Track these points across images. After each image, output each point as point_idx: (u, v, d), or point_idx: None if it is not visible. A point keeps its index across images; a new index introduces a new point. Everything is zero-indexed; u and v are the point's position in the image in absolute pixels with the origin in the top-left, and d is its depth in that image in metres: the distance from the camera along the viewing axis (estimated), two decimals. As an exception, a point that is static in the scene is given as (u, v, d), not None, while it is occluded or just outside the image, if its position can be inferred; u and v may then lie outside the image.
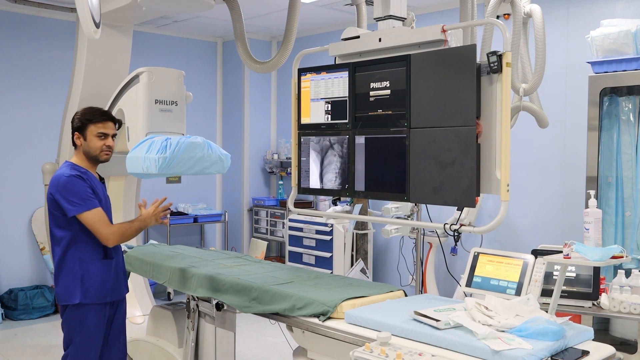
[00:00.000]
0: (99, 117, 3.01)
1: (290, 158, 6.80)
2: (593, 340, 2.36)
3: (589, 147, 4.09)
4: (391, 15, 3.09)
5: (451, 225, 2.79)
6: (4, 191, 6.28)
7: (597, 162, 4.06)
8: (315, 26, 7.08)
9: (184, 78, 4.17)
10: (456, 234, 2.87)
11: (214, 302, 3.38)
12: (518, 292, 2.59)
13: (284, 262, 6.69)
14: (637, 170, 3.96)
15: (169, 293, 6.80)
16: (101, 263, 3.00)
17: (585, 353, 2.20)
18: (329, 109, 3.22)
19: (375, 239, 6.48)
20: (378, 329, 2.45)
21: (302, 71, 3.36)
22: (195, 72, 7.53)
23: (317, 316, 2.71)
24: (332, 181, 3.23)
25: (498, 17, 3.49)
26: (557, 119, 4.86)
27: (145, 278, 4.97)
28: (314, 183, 3.33)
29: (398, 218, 4.99)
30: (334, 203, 6.40)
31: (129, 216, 5.04)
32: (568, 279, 3.35)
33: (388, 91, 2.94)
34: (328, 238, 6.14)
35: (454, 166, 2.67)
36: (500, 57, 2.54)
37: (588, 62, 4.10)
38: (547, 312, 2.47)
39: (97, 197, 2.98)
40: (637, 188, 3.95)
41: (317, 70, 3.29)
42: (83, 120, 3.00)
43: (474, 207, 3.00)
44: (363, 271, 5.76)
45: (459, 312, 2.40)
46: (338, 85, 3.17)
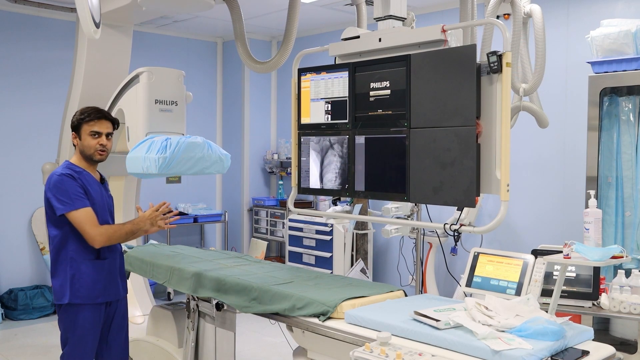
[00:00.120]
0: (92, 116, 2.98)
1: (290, 158, 6.80)
2: (593, 340, 2.36)
3: (589, 147, 4.09)
4: (391, 15, 3.09)
5: (451, 225, 2.79)
6: (4, 191, 6.28)
7: (597, 162, 4.06)
8: (315, 26, 7.08)
9: (184, 78, 4.17)
10: (456, 234, 2.86)
11: (214, 302, 3.38)
12: (518, 292, 2.59)
13: (284, 262, 6.69)
14: (637, 170, 3.96)
15: (169, 293, 6.80)
16: (92, 263, 2.97)
17: (585, 353, 2.20)
18: (329, 109, 3.22)
19: (375, 239, 6.48)
20: (378, 329, 2.45)
21: (302, 71, 3.36)
22: (195, 72, 7.53)
23: (317, 316, 2.71)
24: (332, 181, 3.23)
25: (498, 17, 3.49)
26: (557, 119, 4.86)
27: (145, 278, 4.97)
28: (314, 183, 3.33)
29: (398, 218, 4.99)
30: (334, 203, 6.41)
31: (129, 216, 5.05)
32: (568, 279, 3.35)
33: (388, 91, 2.94)
34: (328, 238, 6.14)
35: (454, 166, 2.67)
36: (500, 57, 2.54)
37: (588, 62, 4.10)
38: (547, 312, 2.47)
39: (90, 197, 2.94)
40: (637, 188, 3.95)
41: (317, 70, 3.29)
42: (78, 119, 3.00)
43: (474, 207, 3.00)
44: (363, 271, 5.76)
45: (459, 312, 2.40)
46: (338, 85, 3.17)
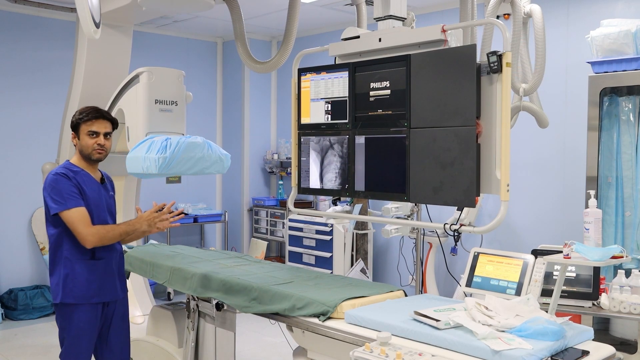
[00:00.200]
0: (90, 116, 2.98)
1: (290, 158, 6.80)
2: (593, 340, 2.36)
3: (589, 147, 4.09)
4: (391, 15, 3.09)
5: (451, 225, 2.79)
6: (4, 191, 6.28)
7: (597, 162, 4.06)
8: (315, 26, 7.08)
9: (184, 78, 4.17)
10: (456, 234, 2.86)
11: (214, 302, 3.38)
12: (518, 292, 2.59)
13: (284, 262, 6.69)
14: (637, 170, 3.96)
15: (169, 293, 6.80)
16: (87, 263, 2.95)
17: (585, 353, 2.20)
18: (329, 109, 3.22)
19: (375, 239, 6.48)
20: (378, 329, 2.45)
21: (302, 71, 3.36)
22: (195, 72, 7.53)
23: (317, 316, 2.71)
24: (332, 181, 3.23)
25: (498, 17, 3.49)
26: (557, 119, 4.86)
27: (145, 278, 4.98)
28: (314, 183, 3.33)
29: (398, 218, 4.99)
30: (334, 203, 6.41)
31: (129, 216, 5.05)
32: (568, 279, 3.35)
33: (388, 91, 2.94)
34: (328, 238, 6.14)
35: (454, 166, 2.67)
36: (500, 57, 2.54)
37: (588, 62, 4.10)
38: (547, 312, 2.47)
39: (85, 197, 2.93)
40: (637, 188, 3.95)
41: (317, 70, 3.29)
42: (76, 119, 3.00)
43: (474, 207, 3.00)
44: (363, 271, 5.76)
45: (459, 312, 2.40)
46: (338, 85, 3.17)
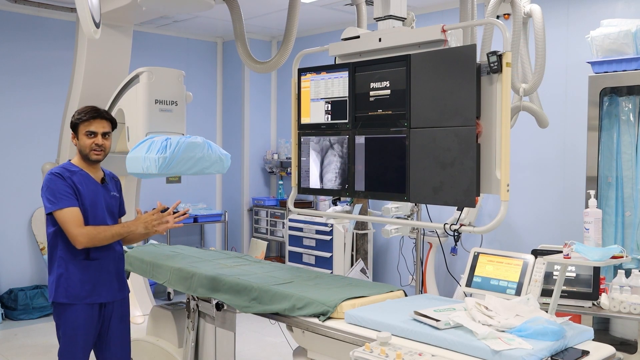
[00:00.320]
0: (87, 115, 2.97)
1: (290, 158, 6.80)
2: (593, 340, 2.36)
3: (589, 147, 4.09)
4: (391, 15, 3.09)
5: (451, 225, 2.79)
6: (4, 191, 6.29)
7: (597, 162, 4.06)
8: (315, 26, 7.08)
9: (184, 78, 4.17)
10: (456, 234, 2.86)
11: (214, 302, 3.38)
12: (518, 292, 2.59)
13: (284, 262, 6.69)
14: (637, 170, 3.96)
15: (169, 293, 6.80)
16: (81, 263, 2.94)
17: (585, 353, 2.20)
18: (329, 109, 3.22)
19: (375, 239, 6.48)
20: (378, 329, 2.45)
21: (302, 71, 3.36)
22: (195, 72, 7.53)
23: (317, 316, 2.71)
24: (332, 181, 3.23)
25: (498, 17, 3.49)
26: (557, 119, 4.86)
27: (145, 278, 4.97)
28: (314, 183, 3.33)
29: (398, 218, 4.99)
30: (334, 203, 6.41)
31: (129, 216, 5.04)
32: (568, 279, 3.35)
33: (388, 91, 2.94)
34: (328, 238, 6.14)
35: (454, 166, 2.67)
36: (500, 57, 2.54)
37: (588, 62, 4.10)
38: (547, 312, 2.47)
39: (80, 197, 2.92)
40: (637, 188, 3.95)
41: (317, 70, 3.29)
42: (75, 119, 3.00)
43: (474, 207, 3.00)
44: (363, 271, 5.76)
45: (459, 312, 2.40)
46: (338, 85, 3.17)
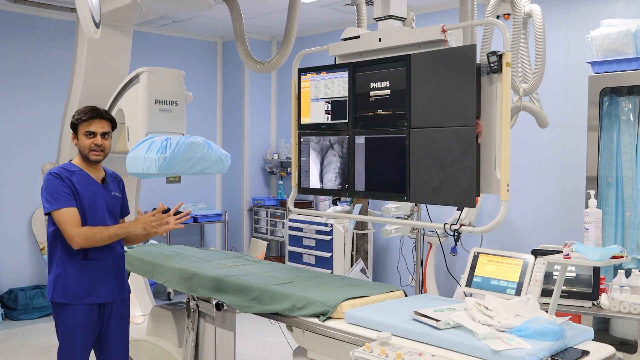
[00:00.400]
0: (87, 116, 2.96)
1: (290, 158, 6.80)
2: (593, 340, 2.36)
3: (589, 147, 4.09)
4: (391, 15, 3.09)
5: (451, 225, 2.79)
6: (4, 191, 6.29)
7: (597, 162, 4.06)
8: (315, 26, 7.08)
9: (184, 78, 4.17)
10: (456, 234, 2.86)
11: (214, 302, 3.38)
12: (518, 292, 2.59)
13: (284, 262, 6.69)
14: (637, 170, 3.96)
15: (169, 293, 6.80)
16: (79, 263, 2.94)
17: (585, 353, 2.20)
18: (329, 109, 3.22)
19: (375, 239, 6.48)
20: (378, 329, 2.45)
21: (302, 71, 3.36)
22: (195, 72, 7.53)
23: (317, 316, 2.71)
24: (332, 181, 3.23)
25: (498, 17, 3.49)
26: (557, 119, 4.86)
27: (145, 278, 4.97)
28: (314, 183, 3.33)
29: (398, 218, 4.99)
30: (334, 203, 6.41)
31: (130, 216, 5.04)
32: (568, 279, 3.35)
33: (388, 91, 2.94)
34: (328, 238, 6.14)
35: (454, 166, 2.67)
36: (500, 57, 2.54)
37: (588, 62, 4.10)
38: (547, 312, 2.47)
39: (78, 198, 2.92)
40: (637, 188, 3.95)
41: (317, 70, 3.29)
42: (75, 119, 3.00)
43: (474, 207, 3.00)
44: (363, 271, 5.76)
45: (459, 312, 2.40)
46: (338, 85, 3.17)
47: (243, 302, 3.08)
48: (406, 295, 3.04)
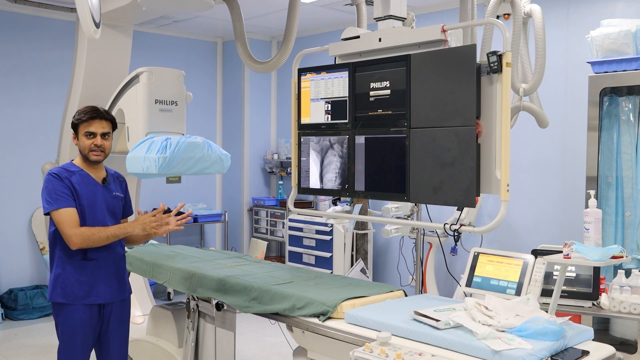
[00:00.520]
0: (87, 116, 2.96)
1: (290, 158, 6.80)
2: (593, 340, 2.36)
3: (589, 147, 4.09)
4: (391, 15, 3.09)
5: (451, 225, 2.80)
6: (4, 191, 6.28)
7: (597, 162, 4.06)
8: (315, 26, 7.08)
9: (184, 78, 4.17)
10: (456, 234, 2.87)
11: (214, 302, 3.38)
12: (518, 292, 2.59)
13: (284, 262, 6.69)
14: (637, 170, 3.96)
15: (169, 293, 6.80)
16: (78, 264, 2.94)
17: (585, 353, 2.20)
18: (329, 109, 3.22)
19: (375, 239, 6.48)
20: (378, 329, 2.45)
21: (302, 71, 3.36)
22: (195, 72, 7.53)
23: (317, 316, 2.71)
24: (332, 181, 3.23)
25: (498, 17, 3.49)
26: (557, 119, 4.86)
27: (145, 278, 4.98)
28: (314, 183, 3.33)
29: (398, 218, 4.99)
30: (334, 203, 6.41)
31: (132, 216, 5.04)
32: (568, 279, 3.35)
33: (388, 91, 2.94)
34: (328, 238, 6.14)
35: (454, 166, 2.67)
36: (500, 57, 2.54)
37: (588, 62, 4.10)
38: (547, 312, 2.47)
39: (78, 198, 2.92)
40: (637, 188, 3.95)
41: (317, 70, 3.29)
42: (75, 119, 3.00)
43: (474, 207, 3.00)
44: (363, 271, 5.76)
45: (459, 312, 2.40)
46: (338, 85, 3.17)
47: (243, 302, 3.08)
48: (406, 295, 3.04)
